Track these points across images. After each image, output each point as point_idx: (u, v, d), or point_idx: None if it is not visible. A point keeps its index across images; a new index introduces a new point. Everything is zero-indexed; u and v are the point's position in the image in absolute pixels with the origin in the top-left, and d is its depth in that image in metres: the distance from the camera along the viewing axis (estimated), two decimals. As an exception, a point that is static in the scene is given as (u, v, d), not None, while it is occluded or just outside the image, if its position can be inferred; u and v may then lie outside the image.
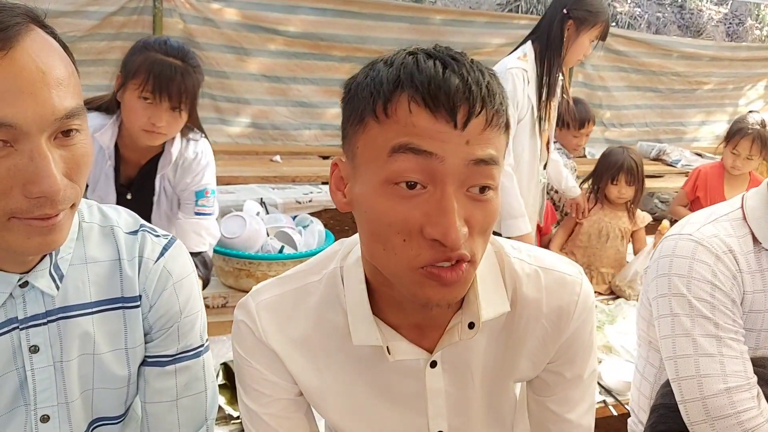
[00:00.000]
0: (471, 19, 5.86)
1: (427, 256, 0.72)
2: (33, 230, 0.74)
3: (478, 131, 0.71)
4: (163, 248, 0.97)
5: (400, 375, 0.90)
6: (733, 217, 1.34)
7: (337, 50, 5.41)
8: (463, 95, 0.69)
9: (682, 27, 9.09)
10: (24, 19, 0.72)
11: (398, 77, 0.71)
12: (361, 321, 0.85)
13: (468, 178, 0.72)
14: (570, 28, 2.47)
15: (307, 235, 2.74)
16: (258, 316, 0.90)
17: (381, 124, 0.72)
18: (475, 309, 0.85)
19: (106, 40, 4.57)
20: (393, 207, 0.72)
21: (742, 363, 1.22)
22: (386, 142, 0.71)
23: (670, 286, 1.28)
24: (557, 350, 0.94)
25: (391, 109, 0.71)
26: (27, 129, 0.70)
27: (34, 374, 0.87)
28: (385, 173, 0.72)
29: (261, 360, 0.90)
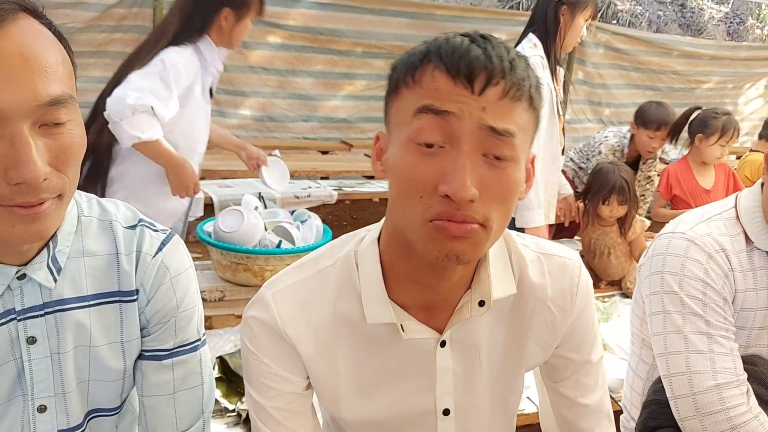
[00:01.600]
0: (472, 15, 5.87)
1: (437, 209, 0.76)
2: (16, 218, 0.74)
3: (495, 100, 0.75)
4: (162, 243, 0.97)
5: (411, 354, 0.93)
6: (726, 216, 1.35)
7: (336, 44, 5.42)
8: (482, 64, 0.75)
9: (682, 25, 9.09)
10: (13, 6, 0.72)
11: (427, 49, 0.79)
12: (376, 300, 0.89)
13: (484, 144, 0.76)
14: (564, 13, 2.56)
15: (305, 230, 2.74)
16: (275, 305, 0.91)
17: (410, 89, 0.79)
18: (486, 287, 0.89)
19: (106, 32, 4.58)
20: (413, 164, 0.77)
21: (732, 360, 1.23)
22: (412, 104, 0.78)
23: (662, 284, 1.30)
24: (564, 333, 0.99)
25: (418, 75, 0.78)
26: (7, 114, 0.70)
27: (31, 365, 0.89)
28: (408, 132, 0.78)
29: (273, 354, 0.92)
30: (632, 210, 2.83)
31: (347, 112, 5.71)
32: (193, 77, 2.22)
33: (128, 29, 4.64)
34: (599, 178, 2.83)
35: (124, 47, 4.69)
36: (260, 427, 0.94)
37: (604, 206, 2.80)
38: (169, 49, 2.15)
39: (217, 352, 1.82)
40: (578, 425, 1.06)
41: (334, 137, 5.68)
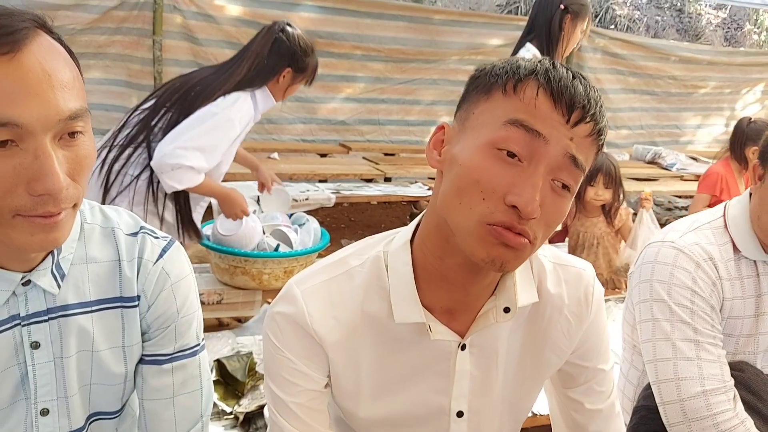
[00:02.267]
0: (470, 20, 5.89)
1: (500, 216, 0.80)
2: (36, 227, 0.77)
3: (583, 135, 0.81)
4: (162, 250, 0.99)
5: (431, 355, 0.96)
6: (714, 225, 1.38)
7: (335, 47, 5.44)
8: (582, 100, 0.81)
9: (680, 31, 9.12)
10: (31, 23, 0.75)
11: (535, 68, 0.82)
12: (406, 300, 0.91)
13: (558, 170, 0.81)
14: (567, 21, 2.64)
15: (303, 234, 2.77)
16: (305, 301, 0.93)
17: (506, 97, 0.82)
18: (512, 294, 0.93)
19: (107, 34, 4.60)
20: (487, 167, 0.81)
21: (720, 367, 1.26)
22: (506, 113, 0.81)
23: (651, 292, 1.32)
24: (578, 341, 1.03)
25: (520, 87, 0.82)
26: (32, 128, 0.73)
27: (35, 369, 0.91)
28: (493, 137, 0.81)
29: (297, 350, 0.93)
30: (618, 195, 2.85)
31: (346, 114, 5.74)
32: (245, 127, 2.41)
33: (128, 31, 4.66)
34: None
35: (123, 49, 4.72)
36: (279, 420, 0.96)
37: (591, 187, 2.81)
38: (237, 101, 2.33)
39: (215, 354, 1.84)
40: (589, 429, 1.09)
41: (332, 139, 5.71)
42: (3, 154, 0.73)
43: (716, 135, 7.43)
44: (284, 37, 2.42)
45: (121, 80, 4.75)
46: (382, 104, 5.82)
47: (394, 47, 5.62)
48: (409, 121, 6.02)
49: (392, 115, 5.92)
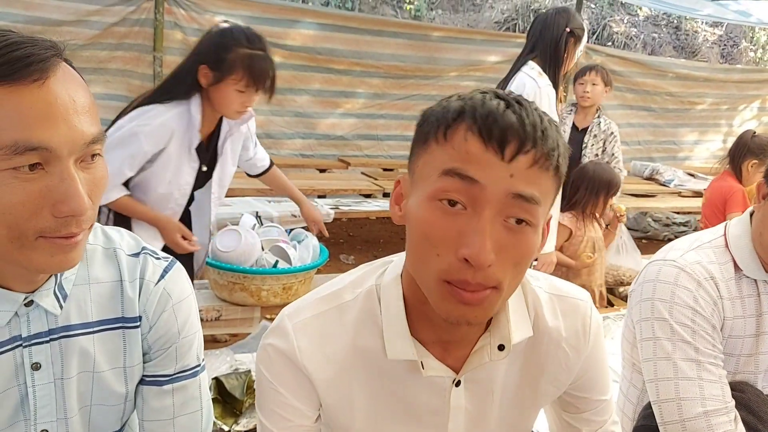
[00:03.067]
0: (468, 37, 5.93)
1: (455, 274, 0.77)
2: (57, 248, 0.79)
3: (525, 167, 0.76)
4: (164, 270, 1.00)
5: (426, 392, 0.94)
6: (715, 244, 1.38)
7: (334, 63, 5.46)
8: (516, 131, 0.76)
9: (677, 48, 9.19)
10: (54, 52, 0.78)
11: (463, 108, 0.79)
12: (398, 336, 0.90)
13: (506, 208, 0.77)
14: (570, 44, 2.71)
15: (302, 250, 2.77)
16: (295, 336, 0.91)
17: (440, 146, 0.79)
18: (506, 332, 0.90)
19: (108, 50, 4.62)
20: (434, 221, 0.78)
21: (721, 387, 1.25)
22: (441, 163, 0.78)
23: (653, 311, 1.32)
24: (577, 372, 1.01)
25: (450, 134, 0.79)
26: (59, 152, 0.75)
27: (35, 391, 0.90)
28: (433, 189, 0.78)
29: (288, 384, 0.92)
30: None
31: (345, 129, 5.75)
32: (162, 145, 2.07)
33: (129, 47, 4.68)
34: (600, 176, 3.01)
35: (125, 65, 4.74)
36: None
37: (609, 199, 3.02)
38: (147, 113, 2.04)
39: (213, 372, 1.83)
40: None
41: (331, 154, 5.72)
42: (31, 178, 0.75)
43: (713, 151, 7.46)
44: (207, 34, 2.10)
45: (121, 95, 4.76)
46: (381, 120, 5.84)
47: (393, 63, 5.65)
48: (407, 136, 5.97)
49: (391, 131, 5.93)
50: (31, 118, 0.73)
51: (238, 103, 2.05)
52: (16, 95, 0.73)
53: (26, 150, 0.73)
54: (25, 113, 0.73)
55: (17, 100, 0.73)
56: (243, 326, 2.58)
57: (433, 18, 8.36)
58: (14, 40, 0.75)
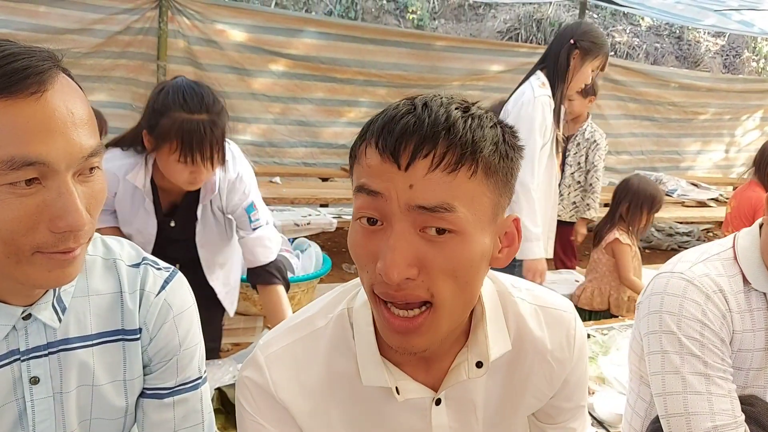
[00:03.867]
0: (471, 46, 5.94)
1: (377, 285, 0.75)
2: (54, 263, 0.77)
3: (422, 174, 0.70)
4: (165, 281, 0.98)
5: (407, 413, 0.91)
6: (724, 256, 1.37)
7: (337, 73, 5.48)
8: (409, 134, 0.70)
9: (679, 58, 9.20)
10: (53, 64, 0.76)
11: (371, 123, 0.76)
12: (370, 362, 0.87)
13: (418, 220, 0.72)
14: (575, 57, 2.63)
15: (305, 259, 2.76)
16: (268, 369, 0.89)
17: (357, 164, 0.78)
18: (484, 348, 0.87)
19: (111, 58, 4.64)
20: (358, 240, 0.76)
21: (730, 401, 1.24)
22: (355, 181, 0.77)
23: (661, 324, 1.30)
24: (561, 384, 0.98)
25: (359, 152, 0.77)
26: (57, 167, 0.73)
27: (33, 405, 0.89)
28: (354, 209, 0.77)
29: (267, 415, 0.89)
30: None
31: (347, 138, 5.76)
32: (114, 185, 1.86)
33: (133, 56, 4.70)
34: (643, 190, 3.01)
35: (128, 73, 4.75)
36: None
37: (652, 215, 3.04)
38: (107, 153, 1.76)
39: (216, 382, 1.81)
40: None
41: (334, 163, 5.72)
42: (28, 192, 0.73)
43: (716, 161, 7.46)
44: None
45: (125, 103, 4.78)
46: (384, 129, 5.84)
47: (396, 73, 5.66)
48: (410, 145, 6.02)
49: (394, 140, 5.93)
50: (28, 132, 0.71)
51: (185, 173, 1.74)
52: (13, 109, 0.71)
53: (23, 165, 0.71)
54: (22, 127, 0.71)
55: (14, 113, 0.71)
56: (246, 335, 2.57)
57: (435, 27, 8.38)
58: (11, 51, 0.73)
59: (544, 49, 2.84)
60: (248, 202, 1.99)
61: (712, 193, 6.09)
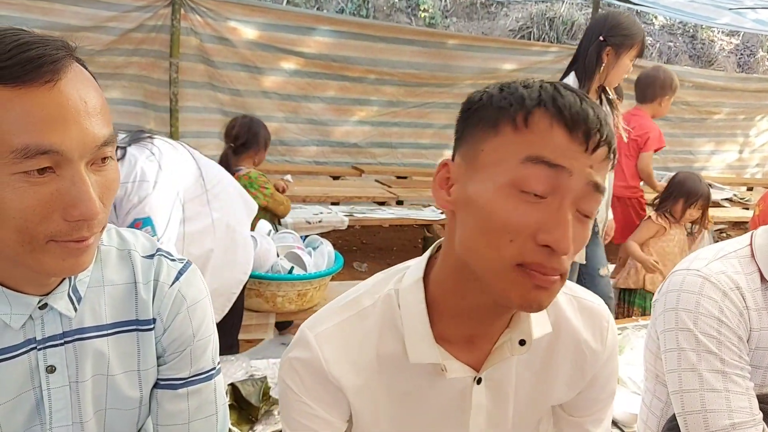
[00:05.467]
0: (483, 45, 5.92)
1: (531, 256, 0.77)
2: (68, 252, 0.77)
3: (600, 159, 0.79)
4: (179, 272, 0.98)
5: (449, 392, 0.94)
6: (741, 254, 1.35)
7: (349, 71, 5.48)
8: (597, 125, 0.78)
9: (693, 57, 9.14)
10: (66, 53, 0.76)
11: (540, 96, 0.79)
12: (420, 340, 0.89)
13: (580, 199, 0.79)
14: (609, 54, 2.57)
15: (317, 257, 2.76)
16: (319, 347, 0.91)
17: (518, 132, 0.78)
18: (527, 327, 0.90)
19: (124, 56, 4.66)
20: (512, 209, 0.77)
21: (748, 399, 1.22)
22: (521, 150, 0.78)
23: (677, 321, 1.29)
24: (592, 377, 1.01)
25: (531, 120, 0.78)
26: (70, 155, 0.74)
27: (50, 394, 0.89)
28: (512, 177, 0.78)
29: (316, 395, 0.92)
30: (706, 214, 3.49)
31: (358, 137, 5.76)
32: None
33: (146, 53, 4.72)
34: (684, 184, 3.40)
35: (141, 70, 4.77)
36: None
37: (688, 207, 3.36)
38: None
39: (229, 378, 1.82)
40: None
41: (345, 162, 5.73)
42: (41, 181, 0.73)
43: (730, 161, 7.40)
44: None
45: (137, 101, 4.80)
46: (395, 127, 5.84)
47: (408, 71, 5.65)
48: (421, 144, 6.03)
49: (405, 138, 5.93)
50: (42, 121, 0.72)
51: None
52: (27, 97, 0.71)
53: (37, 154, 0.71)
54: (36, 116, 0.71)
55: (28, 102, 0.71)
56: (258, 332, 2.58)
57: (447, 26, 8.37)
58: (26, 40, 0.73)
59: (557, 47, 2.83)
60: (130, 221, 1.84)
61: (725, 193, 6.04)
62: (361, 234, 5.88)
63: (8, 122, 0.71)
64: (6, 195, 0.72)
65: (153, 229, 1.85)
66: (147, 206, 1.85)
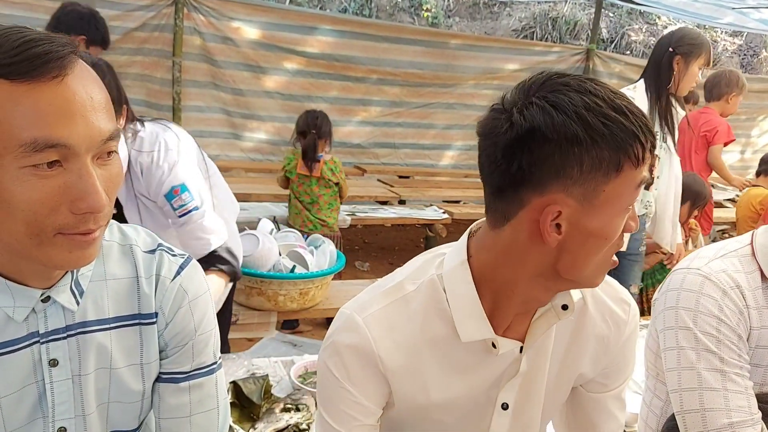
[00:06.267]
0: (486, 45, 5.93)
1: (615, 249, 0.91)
2: (75, 245, 0.79)
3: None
4: (180, 267, 0.99)
5: (497, 365, 0.99)
6: (742, 253, 1.35)
7: (352, 71, 5.48)
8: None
9: (696, 57, 9.10)
10: (71, 48, 0.77)
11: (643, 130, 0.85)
12: (470, 317, 0.94)
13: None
14: (679, 62, 2.80)
15: (319, 255, 2.77)
16: (368, 329, 0.94)
17: (637, 168, 0.86)
18: (566, 292, 0.96)
19: (127, 55, 4.67)
20: (619, 224, 0.89)
21: (747, 398, 1.22)
22: (637, 179, 0.87)
23: (677, 319, 1.30)
24: (615, 353, 1.08)
25: (646, 156, 0.86)
26: (78, 149, 0.75)
27: (53, 387, 0.90)
28: (630, 201, 0.88)
29: (359, 381, 0.95)
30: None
31: (361, 137, 5.76)
32: None
33: (149, 52, 4.73)
34: (688, 186, 3.30)
35: (144, 69, 4.79)
36: None
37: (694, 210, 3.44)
38: None
39: (230, 376, 1.82)
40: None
41: (347, 162, 5.73)
42: (49, 175, 0.75)
43: (732, 162, 7.38)
44: None
45: (140, 99, 4.81)
46: (398, 128, 5.85)
47: (411, 71, 5.66)
48: (424, 144, 6.03)
49: (407, 139, 5.94)
50: (49, 115, 0.73)
51: None
52: (35, 93, 0.73)
53: (45, 147, 0.73)
54: (44, 111, 0.73)
55: (36, 97, 0.73)
56: (259, 330, 2.58)
57: (450, 25, 8.38)
58: (32, 37, 0.75)
59: (560, 47, 2.90)
60: (167, 189, 1.86)
61: (728, 193, 6.03)
62: (364, 233, 5.89)
63: (17, 117, 0.72)
64: (15, 188, 0.74)
65: (190, 194, 1.87)
66: (180, 173, 1.87)
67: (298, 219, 3.70)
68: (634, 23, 9.16)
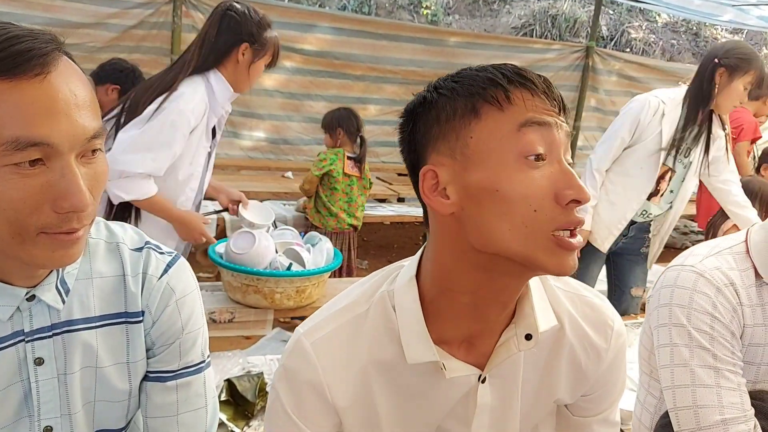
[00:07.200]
0: (486, 42, 5.92)
1: (563, 219, 0.78)
2: (58, 244, 0.78)
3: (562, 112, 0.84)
4: (167, 265, 0.99)
5: (451, 392, 0.92)
6: (736, 250, 1.35)
7: (351, 69, 5.48)
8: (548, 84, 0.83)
9: (696, 54, 9.10)
10: (54, 45, 0.76)
11: (509, 76, 0.82)
12: (416, 339, 0.88)
13: (566, 151, 0.83)
14: (722, 75, 2.58)
15: (316, 253, 2.76)
16: (316, 354, 0.90)
17: (503, 110, 0.80)
18: (532, 320, 0.89)
19: (126, 52, 4.65)
20: (526, 179, 0.78)
21: (739, 395, 1.22)
22: (513, 122, 0.80)
23: (670, 316, 1.29)
24: (594, 382, 1.00)
25: (513, 96, 0.81)
26: (60, 148, 0.74)
27: (38, 386, 0.90)
28: (517, 148, 0.79)
29: (304, 412, 0.91)
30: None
31: (360, 135, 5.75)
32: (198, 121, 2.15)
33: (147, 50, 4.72)
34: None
35: (142, 67, 4.75)
36: None
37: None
38: (186, 91, 2.09)
39: (225, 374, 1.82)
40: None
41: (347, 160, 5.72)
42: (31, 173, 0.74)
43: (733, 159, 7.37)
44: (233, 13, 2.17)
45: (138, 98, 4.81)
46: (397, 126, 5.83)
47: (410, 69, 5.65)
48: (423, 142, 6.01)
49: (407, 137, 5.92)
50: (32, 113, 0.72)
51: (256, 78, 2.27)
52: (18, 90, 0.72)
53: (27, 146, 0.72)
54: (27, 108, 0.72)
55: (18, 95, 0.72)
56: (256, 328, 2.57)
57: (449, 23, 8.37)
58: (15, 33, 0.74)
59: (559, 44, 2.87)
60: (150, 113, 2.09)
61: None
62: (362, 232, 5.87)
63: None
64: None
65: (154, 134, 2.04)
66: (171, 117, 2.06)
67: (330, 221, 3.73)
68: (633, 20, 9.14)
